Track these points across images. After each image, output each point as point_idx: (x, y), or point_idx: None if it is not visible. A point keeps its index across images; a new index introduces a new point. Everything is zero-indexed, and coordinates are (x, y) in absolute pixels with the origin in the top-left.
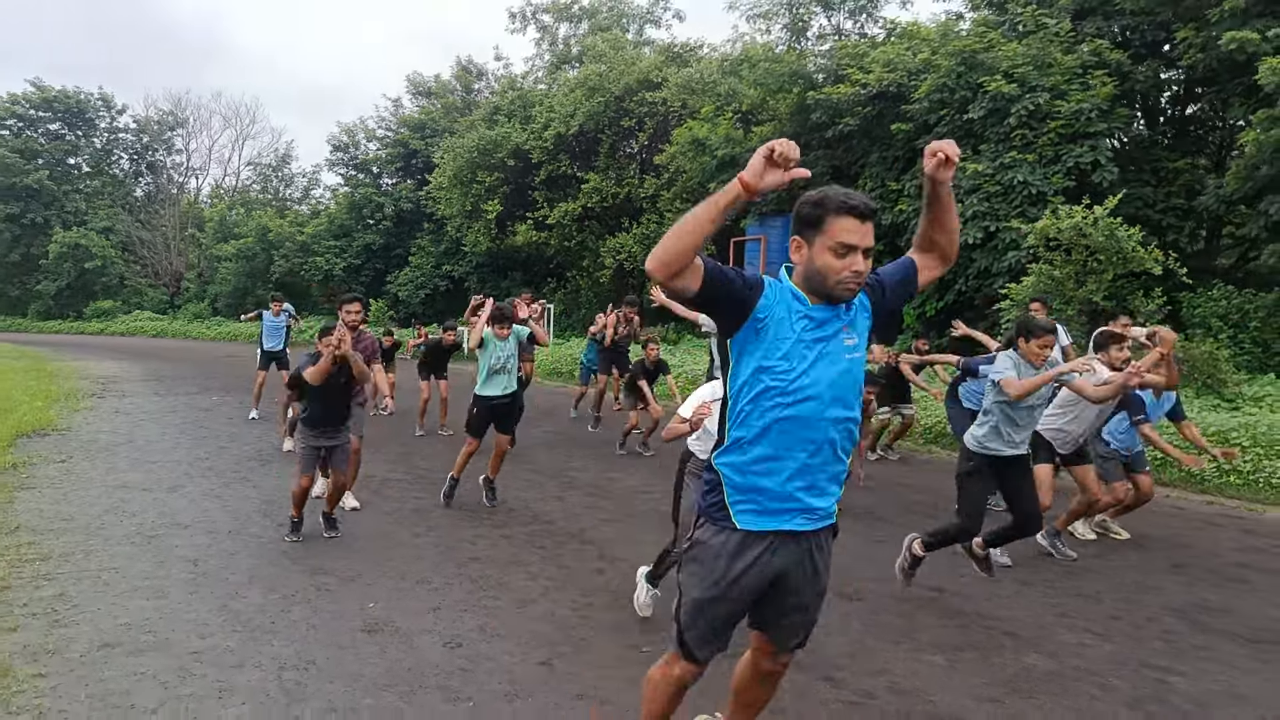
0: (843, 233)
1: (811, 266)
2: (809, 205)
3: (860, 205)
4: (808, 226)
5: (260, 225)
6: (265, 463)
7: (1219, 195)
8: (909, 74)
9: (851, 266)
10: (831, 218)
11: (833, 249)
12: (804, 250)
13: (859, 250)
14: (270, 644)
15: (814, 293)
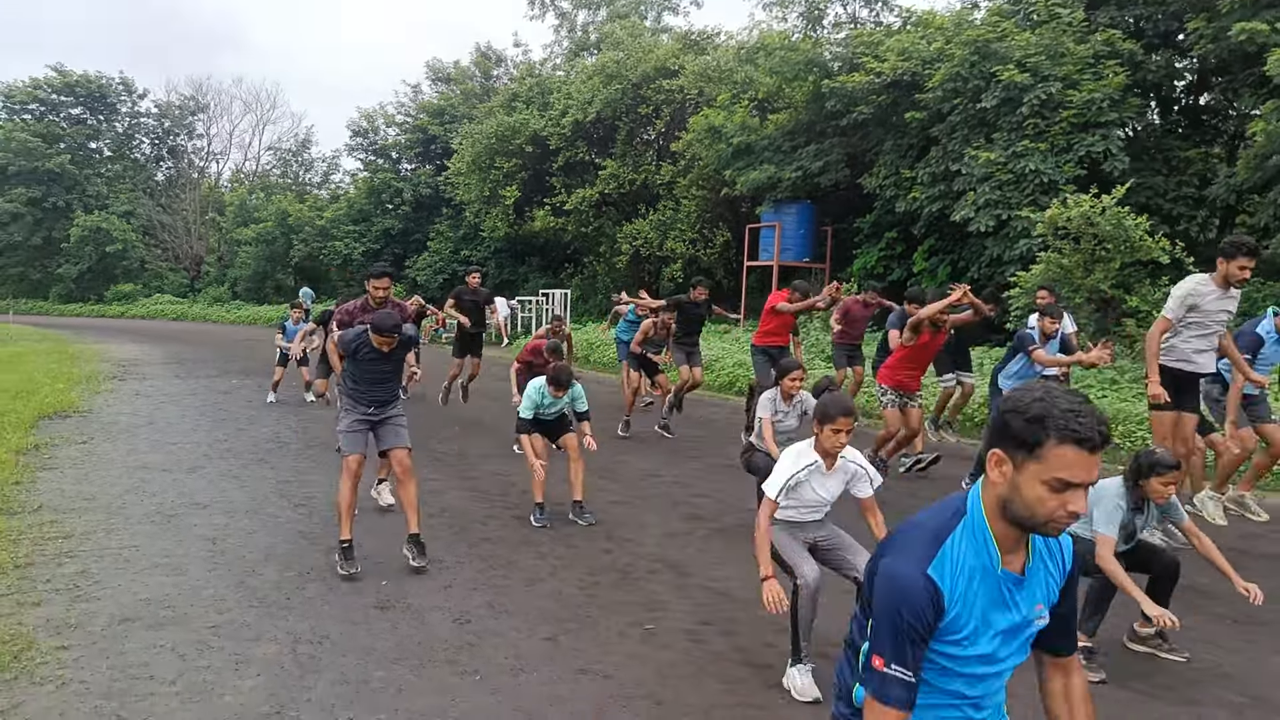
0: (1064, 467)
1: (1017, 495)
2: (1024, 421)
3: (1091, 435)
4: (1019, 446)
5: (280, 210)
6: (282, 445)
7: (1230, 184)
8: (923, 63)
9: (1068, 505)
10: (1051, 445)
11: (1048, 483)
12: (1008, 470)
13: (1081, 487)
14: (286, 619)
15: (1013, 522)
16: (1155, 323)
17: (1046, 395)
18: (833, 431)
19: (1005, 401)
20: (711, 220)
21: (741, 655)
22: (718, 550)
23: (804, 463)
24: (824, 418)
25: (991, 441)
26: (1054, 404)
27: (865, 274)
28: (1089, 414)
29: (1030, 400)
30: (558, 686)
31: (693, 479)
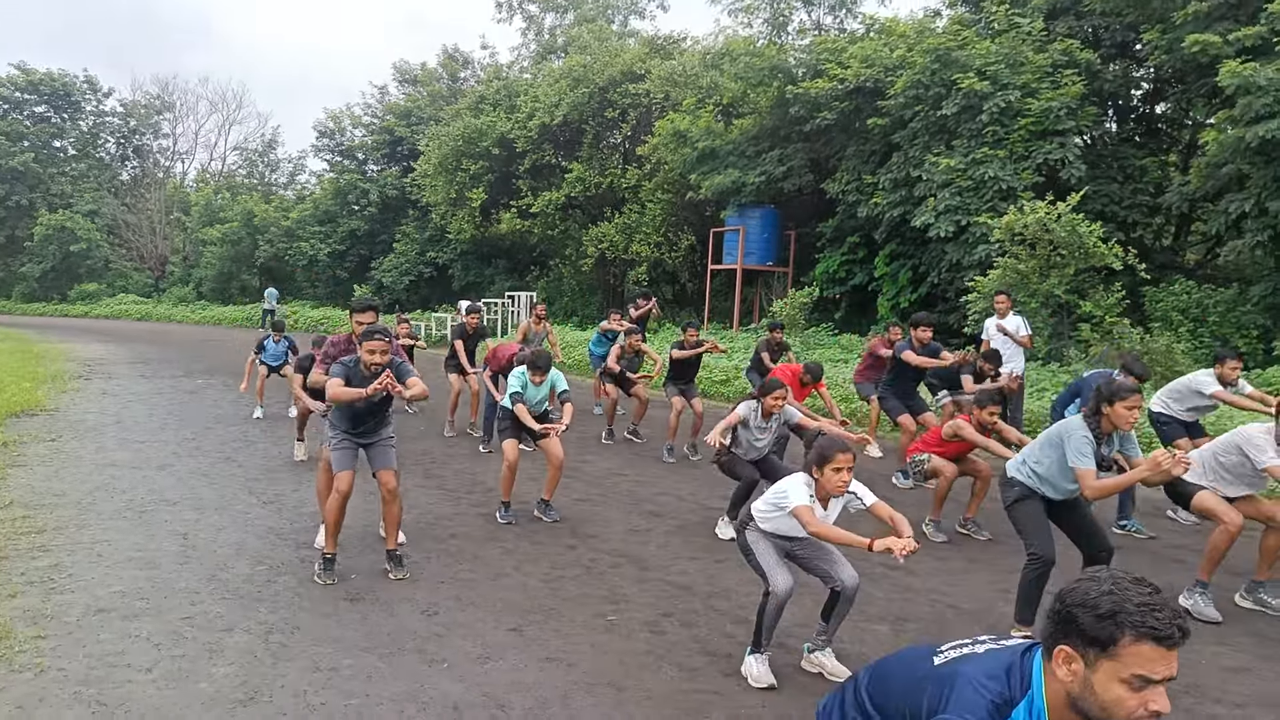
0: (1144, 663)
1: (1090, 697)
2: (1094, 618)
3: (1170, 632)
4: (1091, 644)
5: (246, 210)
6: (250, 444)
7: (1183, 193)
8: (885, 70)
9: (1150, 704)
10: (1127, 642)
11: (1126, 682)
12: (1079, 668)
13: (1163, 683)
14: (258, 611)
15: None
16: None
17: (1116, 587)
18: (834, 471)
19: (1070, 595)
20: (676, 224)
21: (700, 645)
22: (678, 546)
23: (808, 490)
24: (822, 460)
25: (1056, 635)
26: (1126, 597)
27: (828, 278)
28: (1164, 606)
29: (1099, 594)
30: (523, 674)
31: (655, 478)
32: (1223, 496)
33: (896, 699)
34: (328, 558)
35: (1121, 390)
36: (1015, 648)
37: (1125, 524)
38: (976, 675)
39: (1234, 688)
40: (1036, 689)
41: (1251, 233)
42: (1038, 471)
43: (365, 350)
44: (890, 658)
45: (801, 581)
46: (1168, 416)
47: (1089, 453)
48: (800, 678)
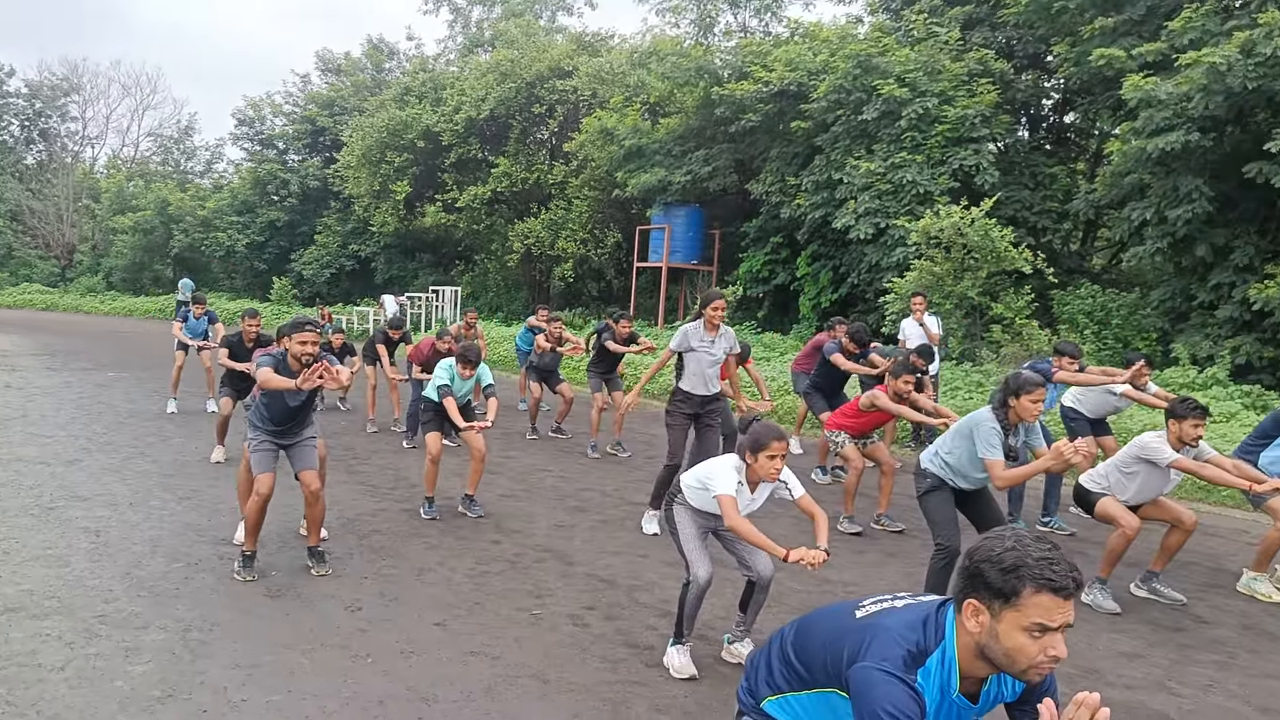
0: (1043, 613)
1: (996, 644)
2: (999, 572)
3: (1065, 583)
4: (996, 596)
5: (160, 198)
6: (165, 439)
7: (1090, 200)
8: (809, 74)
9: (1049, 649)
10: (1028, 593)
11: (1028, 630)
12: (985, 619)
13: (1060, 630)
14: (175, 608)
15: (989, 667)
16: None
17: (1018, 544)
18: (768, 458)
19: (977, 552)
20: (603, 221)
21: (623, 637)
22: (602, 540)
23: (737, 476)
24: (756, 446)
25: (965, 590)
26: (1027, 552)
27: (751, 277)
28: (1060, 560)
29: (1003, 550)
30: (448, 668)
31: (579, 474)
32: (1127, 505)
33: (819, 650)
34: (247, 555)
35: (1028, 384)
36: (931, 602)
37: (1048, 520)
38: (895, 627)
39: (1128, 671)
40: (949, 639)
41: (1152, 240)
42: (949, 462)
43: (296, 342)
44: (815, 613)
45: (722, 576)
46: (1077, 413)
47: (997, 444)
48: (721, 668)
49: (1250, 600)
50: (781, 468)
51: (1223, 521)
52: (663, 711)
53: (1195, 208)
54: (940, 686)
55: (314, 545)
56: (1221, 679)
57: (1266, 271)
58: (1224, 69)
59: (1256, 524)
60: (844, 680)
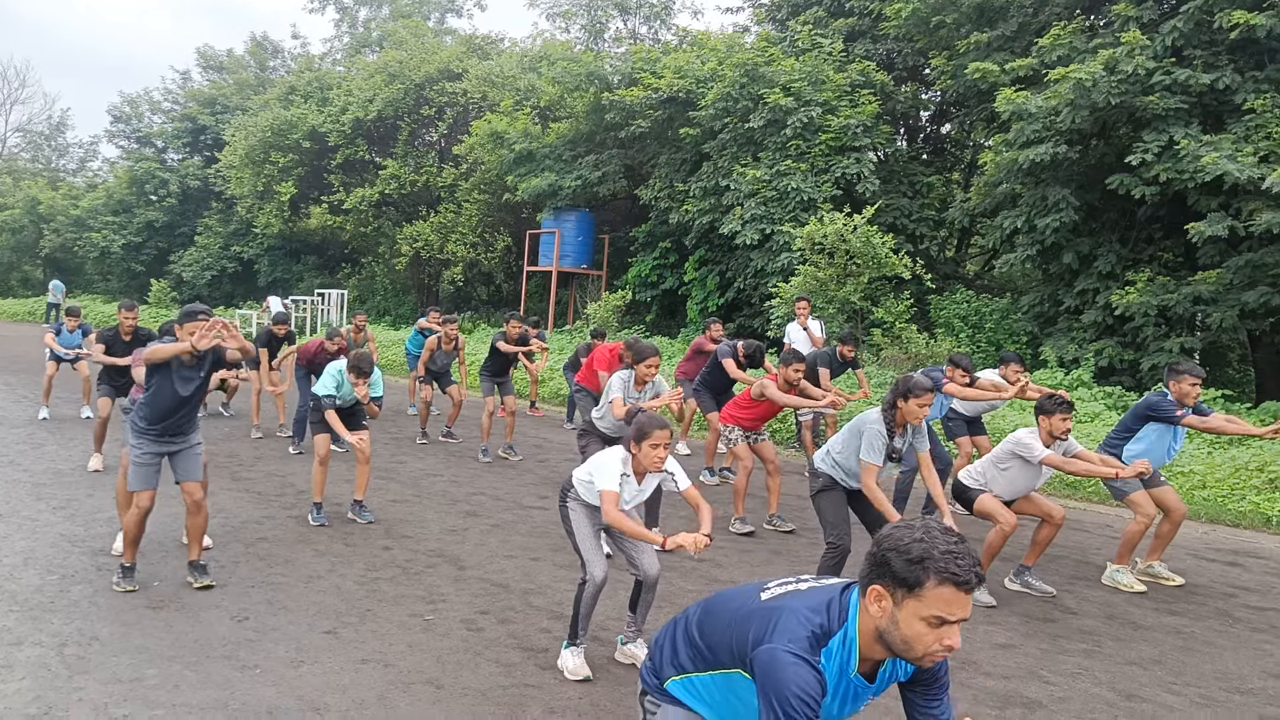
0: (943, 605)
1: (895, 630)
2: (905, 562)
3: (968, 578)
4: (899, 584)
5: (30, 197)
6: (37, 447)
7: (965, 209)
8: (697, 81)
9: (944, 639)
10: (931, 585)
11: (927, 620)
12: (888, 605)
13: (957, 623)
14: (50, 622)
15: (886, 651)
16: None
17: (926, 535)
18: (651, 447)
19: (886, 540)
20: (493, 225)
21: (517, 641)
22: (494, 545)
23: (623, 469)
24: (640, 435)
25: (871, 576)
26: (934, 545)
27: (640, 282)
28: (966, 554)
29: (911, 541)
30: (339, 676)
31: (470, 478)
32: (1002, 500)
33: (724, 631)
34: (126, 567)
35: (916, 388)
36: (835, 585)
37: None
38: (799, 608)
39: (1003, 662)
40: (851, 621)
41: (1023, 247)
42: (839, 462)
43: (186, 333)
44: (719, 594)
45: (615, 578)
46: (955, 413)
47: (879, 448)
48: (615, 669)
49: (1114, 591)
50: (665, 457)
51: (1088, 516)
52: (558, 714)
53: (1063, 217)
54: (840, 666)
55: (194, 559)
56: (1089, 666)
57: (1127, 279)
58: (1089, 85)
59: (1119, 519)
60: (749, 661)
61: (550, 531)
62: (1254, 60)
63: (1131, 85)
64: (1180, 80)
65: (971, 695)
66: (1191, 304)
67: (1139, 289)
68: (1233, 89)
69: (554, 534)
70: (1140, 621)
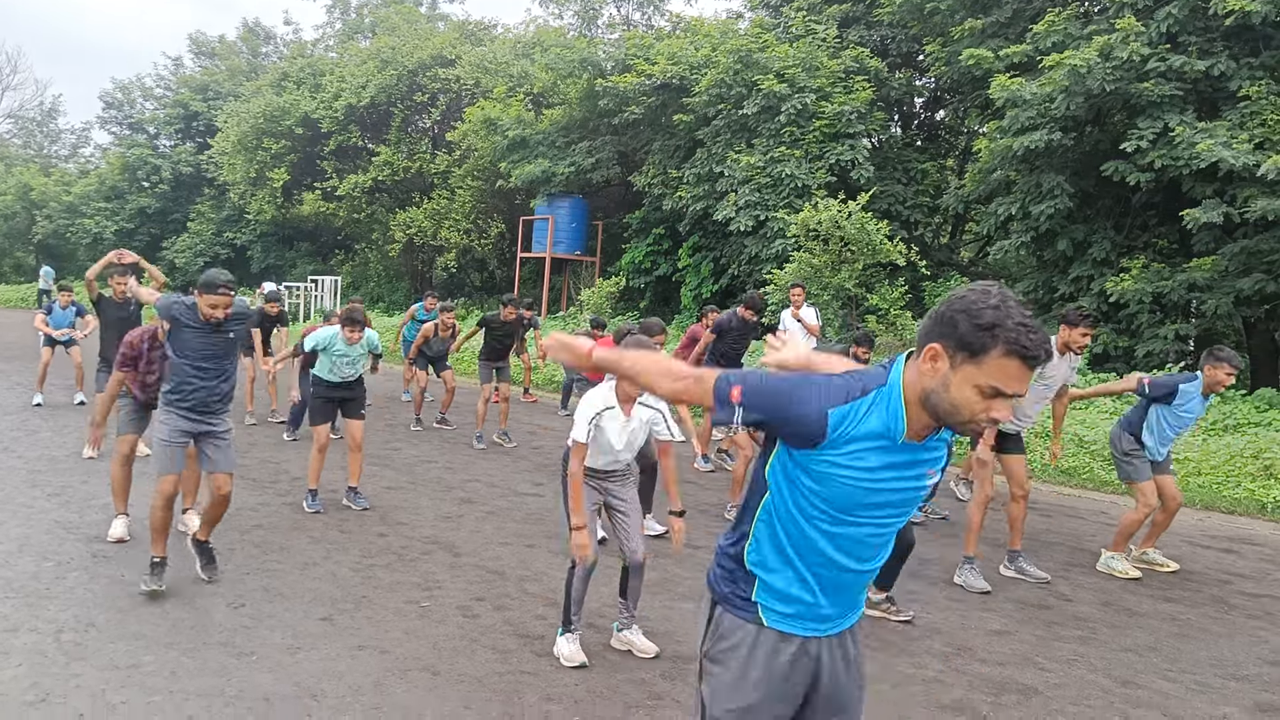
0: (1004, 377)
1: (945, 392)
2: (974, 326)
3: (1037, 353)
4: (962, 347)
5: (21, 183)
6: (31, 433)
7: (959, 195)
8: (691, 68)
9: (992, 411)
10: (996, 354)
11: (981, 388)
12: (942, 366)
13: (1011, 398)
14: (46, 609)
15: (930, 414)
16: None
17: (1002, 303)
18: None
19: (958, 301)
20: (486, 211)
21: (513, 628)
22: (490, 531)
23: (602, 405)
24: None
25: (932, 334)
26: (1008, 314)
27: (634, 268)
28: (1038, 330)
29: (984, 305)
30: (335, 663)
31: (465, 465)
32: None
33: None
34: (156, 561)
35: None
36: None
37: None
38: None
39: (998, 648)
40: (895, 382)
41: (1017, 234)
42: None
43: (206, 304)
44: None
45: (609, 564)
46: None
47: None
48: (611, 655)
49: (1109, 578)
50: None
51: (1082, 504)
52: (554, 700)
53: (1057, 204)
54: (883, 424)
55: (205, 540)
56: (1084, 653)
57: (1122, 265)
58: (1084, 71)
59: (1114, 505)
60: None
61: (545, 518)
62: (1249, 46)
63: (1126, 72)
64: (1175, 67)
65: (967, 682)
66: (1186, 291)
67: (1134, 276)
68: (1228, 75)
69: (549, 520)
70: (1135, 608)
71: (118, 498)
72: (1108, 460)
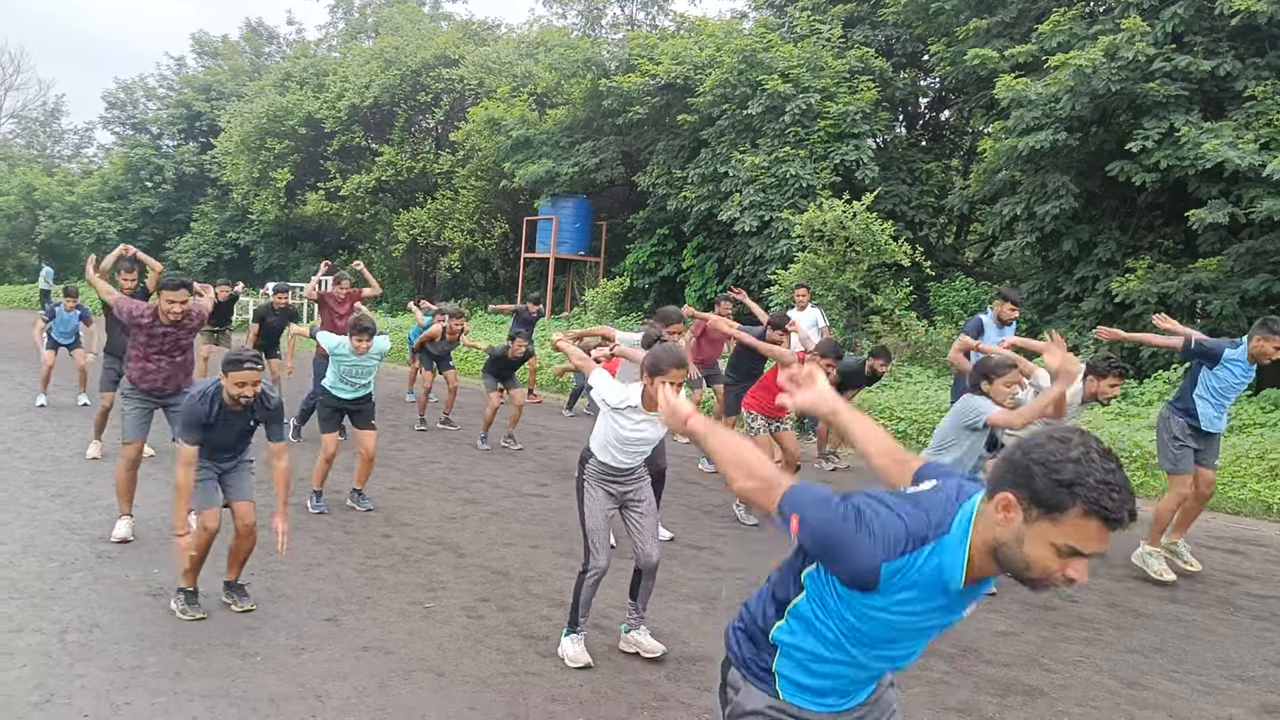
0: (1082, 538)
1: (1018, 547)
2: (1051, 481)
3: (1120, 516)
4: (1038, 503)
5: (24, 183)
6: (35, 434)
7: (964, 196)
8: (695, 68)
9: (1069, 571)
10: (1075, 514)
11: (1057, 547)
12: (1015, 519)
13: (1089, 558)
14: (51, 609)
15: (1001, 566)
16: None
17: (1084, 456)
18: (663, 385)
19: (1035, 449)
20: (490, 211)
21: (517, 629)
22: (494, 532)
23: (629, 398)
24: (655, 370)
25: (1005, 481)
26: (1090, 470)
27: (638, 269)
28: (1123, 488)
29: (1064, 458)
30: (340, 664)
31: (469, 465)
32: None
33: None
34: (190, 591)
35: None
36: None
37: None
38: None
39: (1003, 649)
40: (961, 529)
41: (1022, 234)
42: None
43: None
44: None
45: (618, 565)
46: None
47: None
48: (616, 657)
49: (1115, 579)
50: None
51: None
52: (559, 701)
53: (1062, 204)
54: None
55: (234, 580)
56: (1090, 654)
57: (1127, 266)
58: (1089, 71)
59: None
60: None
61: (549, 519)
62: (1255, 47)
63: (1132, 72)
64: (1181, 67)
65: (972, 683)
66: (1192, 291)
67: (1139, 276)
68: (1233, 76)
69: (553, 521)
70: (1141, 609)
71: (122, 499)
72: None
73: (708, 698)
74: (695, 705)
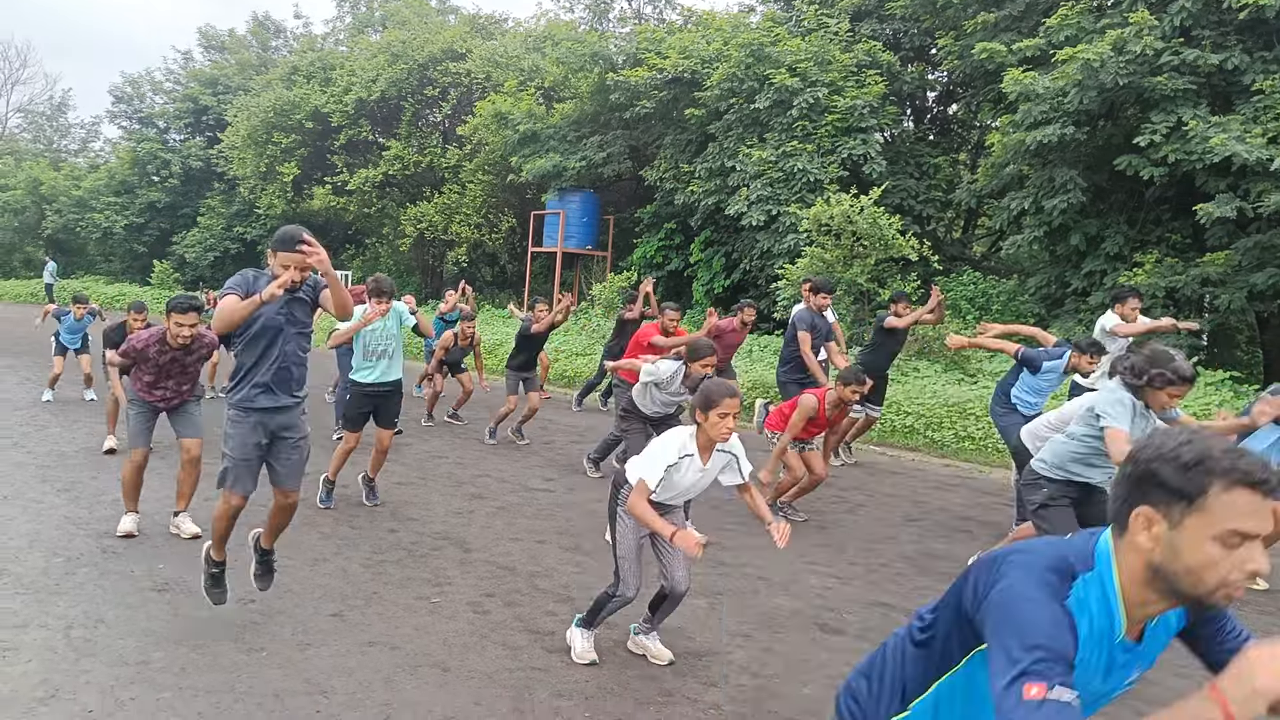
0: (1239, 515)
1: (1175, 562)
2: (1178, 468)
3: (1265, 476)
4: (1176, 498)
5: (31, 177)
6: (41, 429)
7: (972, 190)
8: (702, 62)
9: (1246, 563)
10: (1217, 490)
11: (1220, 538)
12: (1161, 530)
13: (1259, 539)
14: (56, 604)
15: (1168, 593)
16: None
17: (1196, 437)
18: (719, 417)
19: (1146, 449)
20: (497, 205)
21: (523, 624)
22: (500, 527)
23: (680, 452)
24: (707, 404)
25: (1132, 499)
26: (1210, 445)
27: (645, 263)
28: (1250, 453)
29: (1179, 444)
30: (346, 659)
31: (475, 460)
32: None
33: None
34: (216, 572)
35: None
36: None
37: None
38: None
39: None
40: (1103, 565)
41: (1030, 229)
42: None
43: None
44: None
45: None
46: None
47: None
48: (621, 652)
49: None
50: (734, 428)
51: None
52: (564, 697)
53: (1070, 198)
54: (1095, 625)
55: (269, 548)
56: None
57: (1135, 260)
58: (1097, 65)
59: None
60: (977, 622)
61: (556, 514)
62: (1263, 40)
63: (1139, 66)
64: (1189, 61)
65: None
66: (1200, 285)
67: (1147, 270)
68: (1241, 70)
69: (560, 517)
70: None
71: (128, 497)
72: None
73: (714, 693)
74: (701, 701)
